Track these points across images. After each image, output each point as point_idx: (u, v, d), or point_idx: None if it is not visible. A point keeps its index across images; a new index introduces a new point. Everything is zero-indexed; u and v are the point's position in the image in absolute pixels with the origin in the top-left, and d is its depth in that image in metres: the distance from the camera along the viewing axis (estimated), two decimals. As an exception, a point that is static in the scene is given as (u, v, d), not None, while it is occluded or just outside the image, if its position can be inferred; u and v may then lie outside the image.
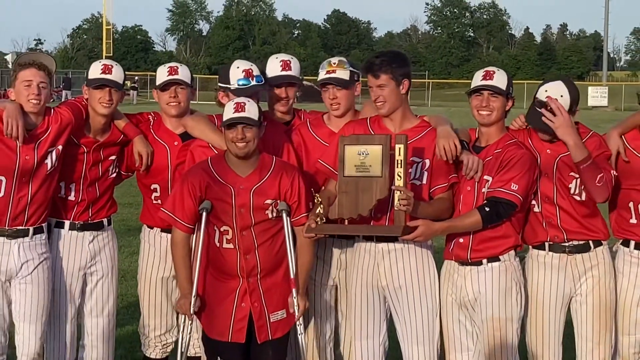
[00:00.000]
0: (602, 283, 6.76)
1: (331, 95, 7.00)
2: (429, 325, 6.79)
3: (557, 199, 6.65)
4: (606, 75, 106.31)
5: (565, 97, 6.50)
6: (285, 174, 6.61)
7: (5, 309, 6.91)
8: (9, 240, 6.83)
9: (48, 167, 6.87)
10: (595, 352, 6.77)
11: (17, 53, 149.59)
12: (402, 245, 6.68)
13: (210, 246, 6.62)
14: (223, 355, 6.66)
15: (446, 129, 6.55)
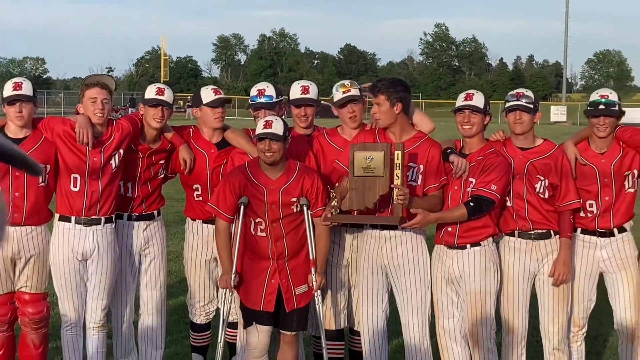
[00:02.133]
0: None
1: (350, 110, 7.02)
2: (422, 297, 6.78)
3: (526, 196, 6.65)
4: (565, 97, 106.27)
5: None
6: (307, 176, 6.61)
7: (81, 284, 6.91)
8: (85, 227, 6.83)
9: (112, 168, 6.89)
10: (555, 319, 6.77)
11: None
12: (401, 233, 6.68)
13: (247, 234, 6.60)
14: (257, 321, 6.62)
15: None
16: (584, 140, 6.80)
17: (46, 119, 7.06)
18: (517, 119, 6.69)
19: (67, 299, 6.90)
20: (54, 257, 6.85)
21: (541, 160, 6.65)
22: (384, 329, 6.94)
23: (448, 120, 5.94)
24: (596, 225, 6.74)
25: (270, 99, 7.21)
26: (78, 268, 6.88)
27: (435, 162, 6.68)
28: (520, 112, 6.68)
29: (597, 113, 6.66)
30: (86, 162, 6.76)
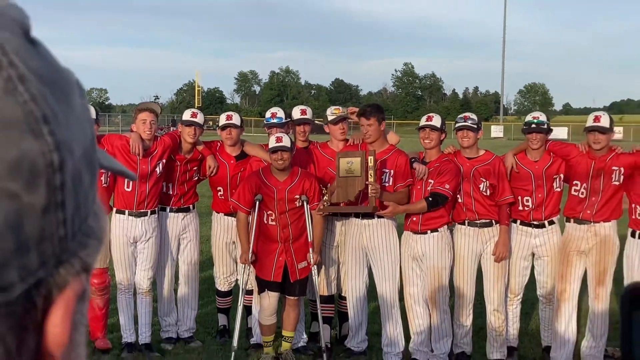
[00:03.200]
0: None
1: (341, 127, 7.06)
2: (392, 270, 6.78)
3: (473, 194, 6.64)
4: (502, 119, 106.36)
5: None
6: (306, 179, 6.61)
7: (132, 260, 6.94)
8: (135, 218, 6.85)
9: (157, 173, 6.90)
10: (495, 287, 6.76)
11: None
12: (377, 221, 6.69)
13: (261, 223, 6.59)
14: (268, 288, 6.63)
15: None
16: (522, 151, 6.80)
17: (107, 135, 7.08)
18: (464, 135, 6.74)
19: (122, 272, 6.93)
20: (113, 241, 6.85)
21: (483, 167, 6.66)
22: (364, 295, 6.92)
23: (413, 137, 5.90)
24: (531, 217, 6.70)
25: (280, 120, 7.27)
26: (131, 249, 6.91)
27: (402, 167, 6.71)
28: (466, 131, 6.71)
29: (531, 130, 6.67)
30: (137, 168, 6.75)
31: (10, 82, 0.38)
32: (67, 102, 0.42)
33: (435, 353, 6.74)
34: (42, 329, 0.40)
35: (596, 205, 6.51)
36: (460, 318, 6.82)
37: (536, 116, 6.79)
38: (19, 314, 0.38)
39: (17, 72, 0.38)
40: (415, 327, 6.76)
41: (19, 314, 0.38)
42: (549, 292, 6.79)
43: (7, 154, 0.37)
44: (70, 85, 0.43)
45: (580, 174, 6.57)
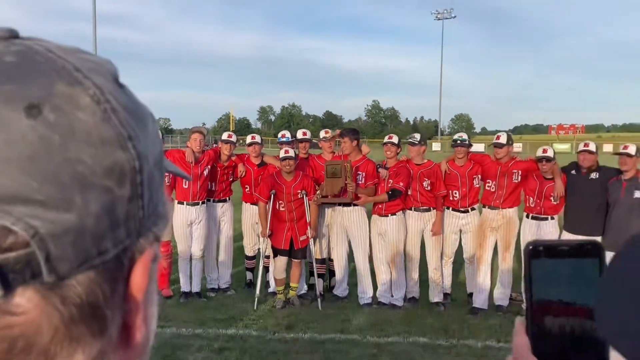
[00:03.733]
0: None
1: (329, 145, 7.02)
2: (364, 242, 6.72)
3: (419, 188, 6.59)
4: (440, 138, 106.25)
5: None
6: (305, 179, 6.54)
7: (189, 236, 6.84)
8: (191, 207, 6.75)
9: (205, 175, 6.81)
10: (433, 253, 6.73)
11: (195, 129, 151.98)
12: (353, 208, 6.61)
13: (274, 209, 6.51)
14: (280, 254, 6.56)
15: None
16: (452, 159, 6.74)
17: (169, 150, 7.02)
18: (412, 149, 6.71)
19: (182, 244, 6.84)
20: (175, 223, 6.76)
21: (426, 171, 6.62)
22: (346, 258, 6.86)
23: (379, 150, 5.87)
24: (459, 205, 6.65)
25: (288, 139, 7.21)
26: (188, 228, 6.81)
27: (371, 171, 6.62)
28: (411, 147, 6.71)
29: (457, 145, 6.64)
30: (191, 172, 6.71)
31: (106, 112, 0.39)
32: (144, 127, 0.42)
33: (394, 297, 6.68)
34: (128, 280, 0.40)
35: (502, 197, 6.49)
36: (411, 273, 6.77)
37: (460, 135, 6.76)
38: (112, 270, 0.38)
39: (111, 105, 0.39)
40: (380, 280, 6.71)
41: (112, 270, 0.38)
42: (471, 256, 6.73)
43: (105, 161, 0.38)
44: (146, 115, 0.44)
45: (491, 175, 6.53)
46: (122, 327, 0.40)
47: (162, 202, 0.44)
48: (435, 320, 6.11)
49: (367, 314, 6.33)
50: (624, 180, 5.84)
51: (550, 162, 6.24)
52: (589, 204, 6.01)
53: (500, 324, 6.01)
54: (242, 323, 5.92)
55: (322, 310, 6.38)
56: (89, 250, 0.37)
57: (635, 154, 5.81)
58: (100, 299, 0.38)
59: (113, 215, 0.38)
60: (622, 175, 5.89)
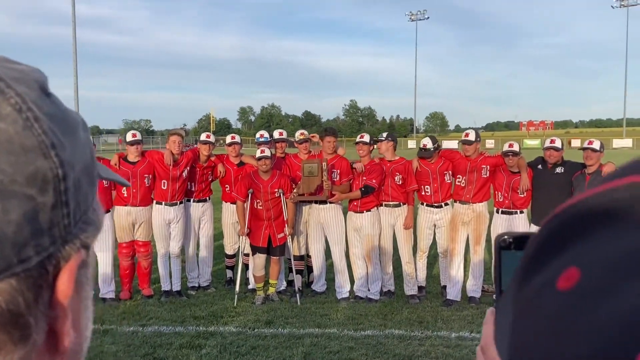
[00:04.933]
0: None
1: (304, 146, 7.00)
2: (340, 237, 6.73)
3: (390, 184, 6.62)
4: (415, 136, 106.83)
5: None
6: (282, 178, 6.52)
7: (168, 235, 6.76)
8: (169, 207, 6.69)
9: (183, 176, 6.74)
10: (405, 246, 6.74)
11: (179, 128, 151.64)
12: (329, 205, 6.60)
13: (252, 208, 6.48)
14: (258, 251, 6.53)
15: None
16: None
17: (149, 151, 6.87)
18: (381, 145, 6.72)
19: (160, 243, 6.77)
20: (154, 222, 6.71)
21: (398, 167, 6.63)
22: (323, 254, 6.87)
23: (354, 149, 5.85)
24: (432, 200, 6.68)
25: (266, 139, 7.18)
26: (166, 227, 6.75)
27: (345, 168, 6.64)
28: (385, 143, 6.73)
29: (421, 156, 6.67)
30: (169, 174, 6.65)
31: (28, 121, 0.38)
32: (72, 134, 0.42)
33: (371, 291, 6.68)
34: (54, 287, 0.40)
35: (472, 192, 6.55)
36: (386, 268, 6.79)
37: (424, 145, 6.70)
38: (35, 277, 0.38)
39: (33, 114, 0.39)
40: (357, 274, 6.71)
41: (35, 277, 0.38)
42: (445, 250, 6.77)
43: (27, 169, 0.37)
44: (76, 123, 0.43)
45: (461, 170, 6.57)
46: (49, 334, 0.40)
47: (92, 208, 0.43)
48: (410, 312, 6.15)
49: (345, 308, 6.34)
50: (588, 174, 5.95)
51: (516, 157, 6.30)
52: (555, 197, 6.07)
53: (473, 315, 6.07)
54: (222, 320, 5.88)
55: (301, 306, 6.38)
56: (10, 258, 0.36)
57: (599, 149, 5.91)
58: (22, 307, 0.37)
59: (35, 223, 0.37)
60: (585, 170, 5.99)
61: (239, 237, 7.03)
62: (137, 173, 6.56)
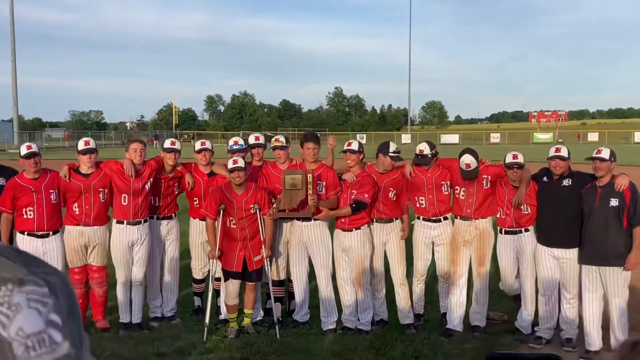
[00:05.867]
0: (399, 237, 6.86)
1: (278, 153, 7.04)
2: (326, 259, 6.79)
3: (382, 199, 6.71)
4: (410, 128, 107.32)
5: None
6: (258, 192, 6.56)
7: (129, 258, 6.74)
8: (132, 226, 6.67)
9: (146, 190, 6.73)
10: (399, 267, 6.84)
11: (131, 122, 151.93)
12: (314, 222, 6.68)
13: (224, 226, 6.52)
14: (232, 277, 6.57)
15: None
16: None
17: (105, 162, 6.82)
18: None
19: (121, 269, 6.73)
20: (113, 245, 6.68)
21: (391, 180, 6.75)
22: (306, 278, 6.93)
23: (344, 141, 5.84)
24: (429, 213, 6.78)
25: (241, 146, 7.18)
26: (128, 250, 6.72)
27: (331, 179, 6.72)
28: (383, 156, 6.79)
29: (417, 163, 6.79)
30: (130, 187, 6.63)
31: None
32: None
33: (361, 321, 6.74)
34: None
35: (473, 205, 6.64)
36: (379, 293, 6.86)
37: (421, 150, 6.78)
38: None
39: None
40: (346, 302, 6.76)
41: None
42: (445, 273, 6.85)
43: None
44: None
45: (460, 181, 6.67)
46: None
47: None
48: (406, 346, 6.22)
49: (331, 342, 6.41)
50: (599, 187, 5.99)
51: (521, 169, 6.39)
52: (562, 213, 6.19)
53: (476, 349, 6.16)
54: (191, 357, 5.92)
55: (281, 339, 6.43)
56: None
57: (609, 158, 5.94)
58: None
59: None
60: (597, 182, 6.04)
61: (208, 259, 7.03)
62: (91, 186, 6.56)
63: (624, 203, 5.85)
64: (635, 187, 5.95)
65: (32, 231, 6.41)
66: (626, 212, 5.85)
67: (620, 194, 5.87)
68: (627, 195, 5.85)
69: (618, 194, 5.88)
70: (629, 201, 5.84)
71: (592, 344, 6.10)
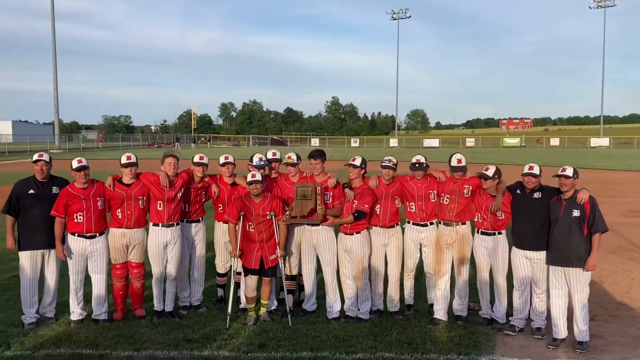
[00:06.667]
0: (399, 240, 6.90)
1: (289, 170, 7.03)
2: (332, 258, 6.85)
3: (382, 207, 6.75)
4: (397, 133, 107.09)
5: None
6: (274, 200, 6.60)
7: (164, 257, 6.78)
8: (166, 228, 6.71)
9: (178, 197, 6.78)
10: (395, 267, 6.90)
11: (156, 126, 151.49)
12: (321, 227, 6.72)
13: (244, 230, 6.56)
14: (250, 273, 6.62)
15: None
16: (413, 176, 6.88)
17: (144, 173, 6.82)
18: (388, 172, 6.79)
19: (156, 265, 6.78)
20: (150, 245, 6.74)
21: (395, 189, 6.80)
22: (314, 274, 6.97)
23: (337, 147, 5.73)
24: (418, 219, 6.82)
25: (265, 162, 7.07)
26: (162, 249, 6.76)
27: (337, 190, 6.76)
28: (389, 170, 6.79)
29: (414, 169, 6.80)
30: (164, 195, 6.68)
31: None
32: None
33: (361, 311, 6.81)
34: None
35: (455, 210, 6.69)
36: (376, 287, 6.91)
37: (418, 159, 6.82)
38: None
39: None
40: (347, 294, 6.82)
41: None
42: (432, 269, 6.92)
43: None
44: None
45: (445, 190, 6.73)
46: None
47: None
48: (399, 333, 6.29)
49: (336, 329, 6.47)
50: (564, 200, 6.10)
51: (535, 179, 6.31)
52: (533, 221, 6.28)
53: (461, 336, 6.24)
54: (216, 343, 5.96)
55: (293, 327, 6.48)
56: None
57: (572, 175, 6.04)
58: None
59: None
60: (562, 195, 6.14)
61: (230, 256, 7.07)
62: (132, 195, 6.61)
63: (584, 214, 5.96)
64: (594, 200, 6.04)
65: (82, 233, 6.47)
66: (586, 221, 5.96)
67: (581, 206, 5.98)
68: (587, 207, 5.98)
69: (580, 206, 5.98)
70: (588, 212, 5.96)
71: (558, 333, 6.18)
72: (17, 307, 6.97)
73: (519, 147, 77.19)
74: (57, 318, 6.73)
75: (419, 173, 6.80)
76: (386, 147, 77.29)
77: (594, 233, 5.96)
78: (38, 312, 6.65)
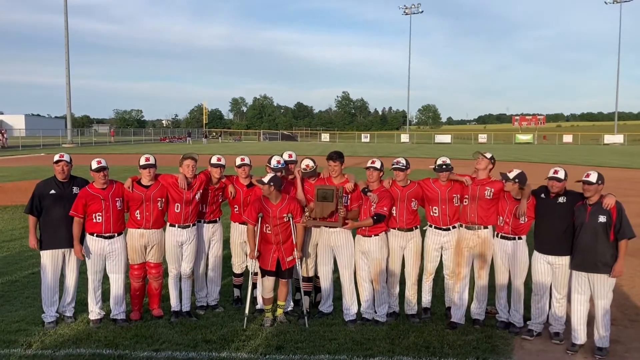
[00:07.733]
0: (417, 243, 6.87)
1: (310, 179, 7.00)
2: (349, 261, 6.83)
3: (398, 209, 6.72)
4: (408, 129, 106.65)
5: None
6: (292, 202, 6.59)
7: (180, 256, 6.84)
8: (182, 229, 6.76)
9: (196, 199, 6.81)
10: (413, 269, 6.88)
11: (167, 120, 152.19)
12: (340, 230, 6.70)
13: (262, 231, 6.56)
14: (267, 274, 6.63)
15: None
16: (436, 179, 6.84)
17: (162, 175, 6.85)
18: (398, 173, 6.77)
19: (173, 264, 6.84)
20: (167, 244, 6.78)
21: (412, 192, 6.76)
22: (331, 276, 6.96)
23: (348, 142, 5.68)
24: (441, 223, 6.78)
25: (283, 164, 7.03)
26: (178, 249, 6.82)
27: (355, 193, 6.74)
28: (399, 172, 6.76)
29: (441, 170, 6.75)
30: (183, 197, 6.71)
31: None
32: None
33: (378, 314, 6.80)
34: None
35: (476, 212, 6.65)
36: (393, 290, 6.90)
37: (444, 160, 6.80)
38: None
39: None
40: (364, 297, 6.81)
41: None
42: (452, 272, 6.89)
43: None
44: None
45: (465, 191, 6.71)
46: None
47: None
48: (416, 337, 6.28)
49: (352, 331, 6.46)
50: (589, 205, 6.04)
51: (560, 183, 6.23)
52: (557, 226, 6.22)
53: (478, 340, 6.22)
54: (234, 345, 5.99)
55: (310, 329, 6.49)
56: None
57: (596, 181, 5.97)
58: None
59: None
60: (587, 200, 6.08)
61: (246, 256, 7.11)
62: (151, 197, 6.65)
63: (611, 219, 5.90)
64: (621, 205, 5.98)
65: (100, 233, 6.51)
66: (612, 227, 5.90)
67: (607, 212, 5.92)
68: (613, 213, 5.91)
69: (606, 212, 5.93)
70: (615, 218, 5.90)
71: (578, 338, 6.14)
72: (36, 305, 7.03)
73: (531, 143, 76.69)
74: (76, 317, 6.79)
75: (445, 175, 6.76)
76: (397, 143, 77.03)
77: (621, 239, 5.91)
78: (57, 310, 6.71)
